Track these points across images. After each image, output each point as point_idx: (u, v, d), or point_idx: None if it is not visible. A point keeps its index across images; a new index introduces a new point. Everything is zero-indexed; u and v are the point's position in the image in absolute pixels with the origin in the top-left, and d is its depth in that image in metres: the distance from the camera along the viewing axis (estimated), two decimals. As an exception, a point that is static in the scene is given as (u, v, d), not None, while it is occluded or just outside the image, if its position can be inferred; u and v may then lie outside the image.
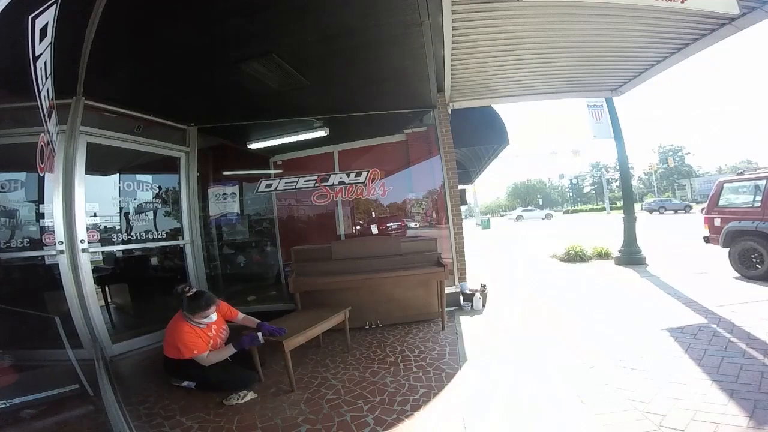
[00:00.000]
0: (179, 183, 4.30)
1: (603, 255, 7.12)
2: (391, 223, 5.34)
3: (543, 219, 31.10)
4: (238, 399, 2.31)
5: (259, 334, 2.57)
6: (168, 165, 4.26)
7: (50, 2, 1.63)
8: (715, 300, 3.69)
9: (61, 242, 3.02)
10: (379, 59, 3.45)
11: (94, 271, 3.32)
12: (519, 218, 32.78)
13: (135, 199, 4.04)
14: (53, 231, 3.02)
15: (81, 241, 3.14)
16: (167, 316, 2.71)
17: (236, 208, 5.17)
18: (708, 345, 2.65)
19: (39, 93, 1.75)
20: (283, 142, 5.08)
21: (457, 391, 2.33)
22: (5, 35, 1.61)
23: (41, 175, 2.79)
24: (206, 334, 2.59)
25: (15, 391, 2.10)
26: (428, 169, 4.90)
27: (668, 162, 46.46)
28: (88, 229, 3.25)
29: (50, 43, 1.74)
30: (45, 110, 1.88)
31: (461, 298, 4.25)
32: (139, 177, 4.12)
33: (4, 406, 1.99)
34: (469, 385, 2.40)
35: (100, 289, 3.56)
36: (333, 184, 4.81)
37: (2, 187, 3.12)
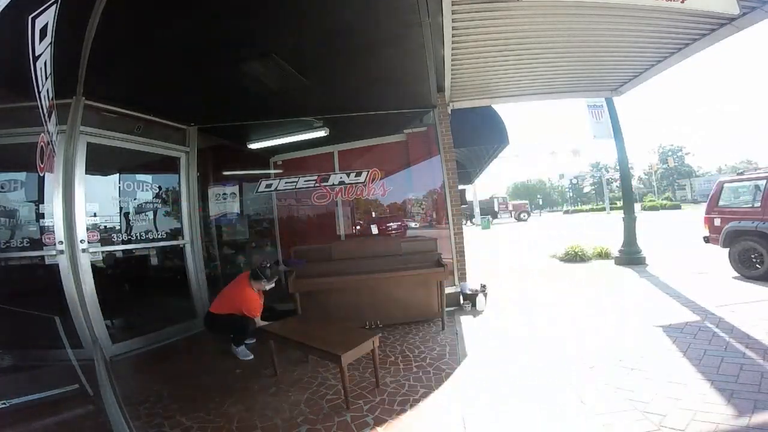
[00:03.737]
0: (179, 183, 4.29)
1: (603, 255, 7.11)
2: (391, 223, 5.34)
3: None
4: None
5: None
6: (168, 165, 4.26)
7: (50, 2, 1.63)
8: (715, 300, 3.69)
9: (61, 242, 3.01)
10: (380, 59, 3.45)
11: (94, 271, 3.32)
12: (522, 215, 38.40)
13: (135, 199, 4.04)
14: (53, 231, 3.02)
15: (81, 241, 3.14)
16: (167, 316, 2.71)
17: (236, 208, 5.18)
18: (708, 345, 2.65)
19: (39, 93, 1.75)
20: (283, 142, 5.08)
21: (457, 391, 2.33)
22: (5, 35, 1.61)
23: (41, 175, 2.79)
24: (260, 300, 3.23)
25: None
26: (428, 169, 4.90)
27: (668, 162, 46.42)
28: (88, 229, 3.26)
29: (50, 43, 1.73)
30: (45, 110, 1.87)
31: (461, 298, 4.25)
32: (139, 177, 4.12)
33: (4, 406, 1.99)
34: (469, 385, 2.40)
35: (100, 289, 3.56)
36: (333, 184, 4.81)
37: (2, 187, 3.13)
